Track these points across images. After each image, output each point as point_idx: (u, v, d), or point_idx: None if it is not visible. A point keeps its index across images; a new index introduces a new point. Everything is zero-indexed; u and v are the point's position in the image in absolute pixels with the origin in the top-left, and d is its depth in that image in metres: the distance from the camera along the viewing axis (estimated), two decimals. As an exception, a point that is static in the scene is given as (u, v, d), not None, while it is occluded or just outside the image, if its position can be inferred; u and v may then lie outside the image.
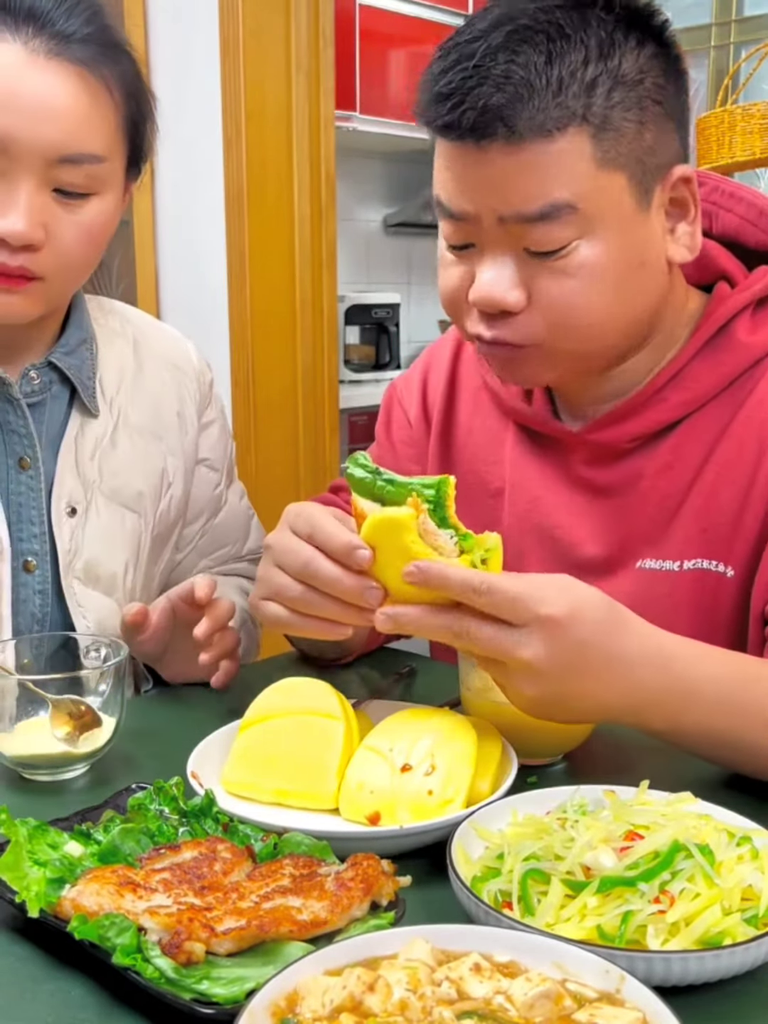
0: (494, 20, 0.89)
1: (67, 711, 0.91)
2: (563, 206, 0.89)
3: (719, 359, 1.01)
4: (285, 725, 0.87)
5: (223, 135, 3.09)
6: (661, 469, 1.03)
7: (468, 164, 0.90)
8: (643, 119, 0.90)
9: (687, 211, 0.97)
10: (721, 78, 2.37)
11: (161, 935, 0.62)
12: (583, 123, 0.88)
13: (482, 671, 0.91)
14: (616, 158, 0.89)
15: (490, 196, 0.90)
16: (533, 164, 0.88)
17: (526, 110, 0.86)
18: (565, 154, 0.88)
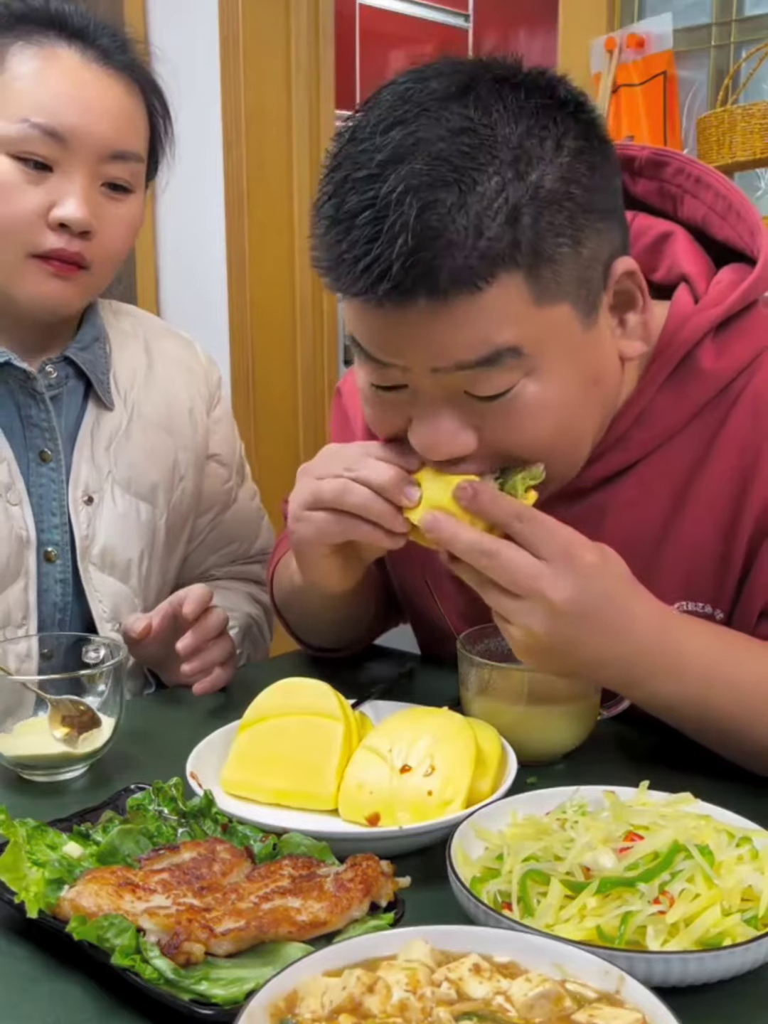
0: (391, 151, 0.76)
1: (66, 711, 0.91)
2: (505, 351, 0.79)
3: (683, 392, 0.94)
4: (285, 726, 0.87)
5: (223, 135, 3.09)
6: (625, 506, 0.98)
7: (389, 325, 0.80)
8: (578, 237, 0.79)
9: (634, 301, 0.88)
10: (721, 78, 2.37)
11: (160, 936, 0.62)
12: (512, 264, 0.77)
13: (481, 671, 0.92)
14: (556, 289, 0.80)
15: (420, 352, 0.81)
16: (464, 318, 0.78)
17: (446, 267, 0.75)
18: (499, 301, 0.78)
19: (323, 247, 0.81)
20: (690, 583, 0.97)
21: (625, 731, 0.98)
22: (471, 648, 0.95)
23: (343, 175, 0.79)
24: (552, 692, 0.90)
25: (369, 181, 0.77)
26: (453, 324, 0.78)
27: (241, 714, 0.90)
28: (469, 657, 0.93)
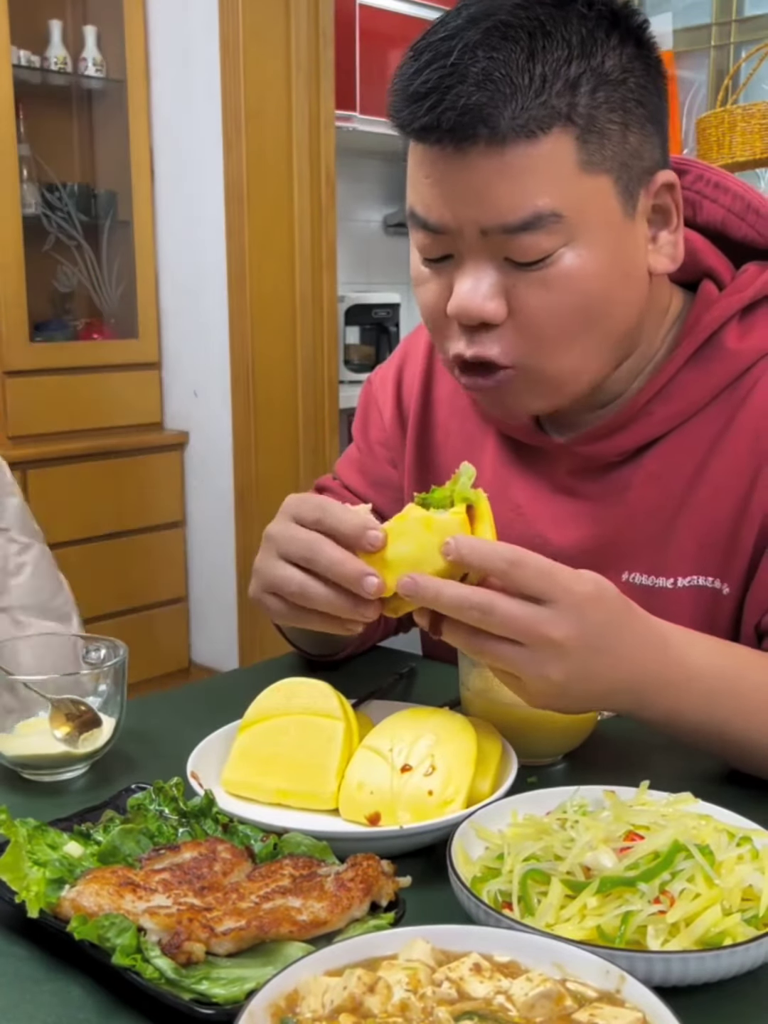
0: (470, 16, 0.84)
1: (67, 711, 0.91)
2: (548, 215, 0.85)
3: (708, 369, 0.97)
4: (285, 725, 0.87)
5: (223, 135, 3.09)
6: (648, 479, 1.00)
7: (447, 170, 0.86)
8: (627, 121, 0.86)
9: (670, 219, 0.93)
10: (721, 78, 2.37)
11: (161, 935, 0.62)
12: (567, 123, 0.83)
13: (482, 671, 0.92)
14: (601, 161, 0.86)
15: (471, 206, 0.86)
16: (517, 168, 0.83)
17: (508, 109, 0.82)
18: (549, 157, 0.84)
19: (397, 89, 0.87)
20: (701, 557, 0.98)
21: (625, 731, 0.98)
22: (469, 654, 0.95)
23: (424, 41, 0.86)
24: (552, 692, 0.90)
25: (447, 39, 0.84)
26: (506, 173, 0.83)
27: (241, 714, 0.90)
28: (469, 657, 0.93)
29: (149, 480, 3.37)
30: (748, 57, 2.26)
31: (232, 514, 3.31)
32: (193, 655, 3.56)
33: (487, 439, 1.12)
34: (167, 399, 3.45)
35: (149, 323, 3.39)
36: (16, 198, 3.01)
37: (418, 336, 1.23)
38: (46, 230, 3.26)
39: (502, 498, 1.08)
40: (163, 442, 3.40)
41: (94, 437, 3.25)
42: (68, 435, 3.19)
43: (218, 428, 3.29)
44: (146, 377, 3.40)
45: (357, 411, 1.26)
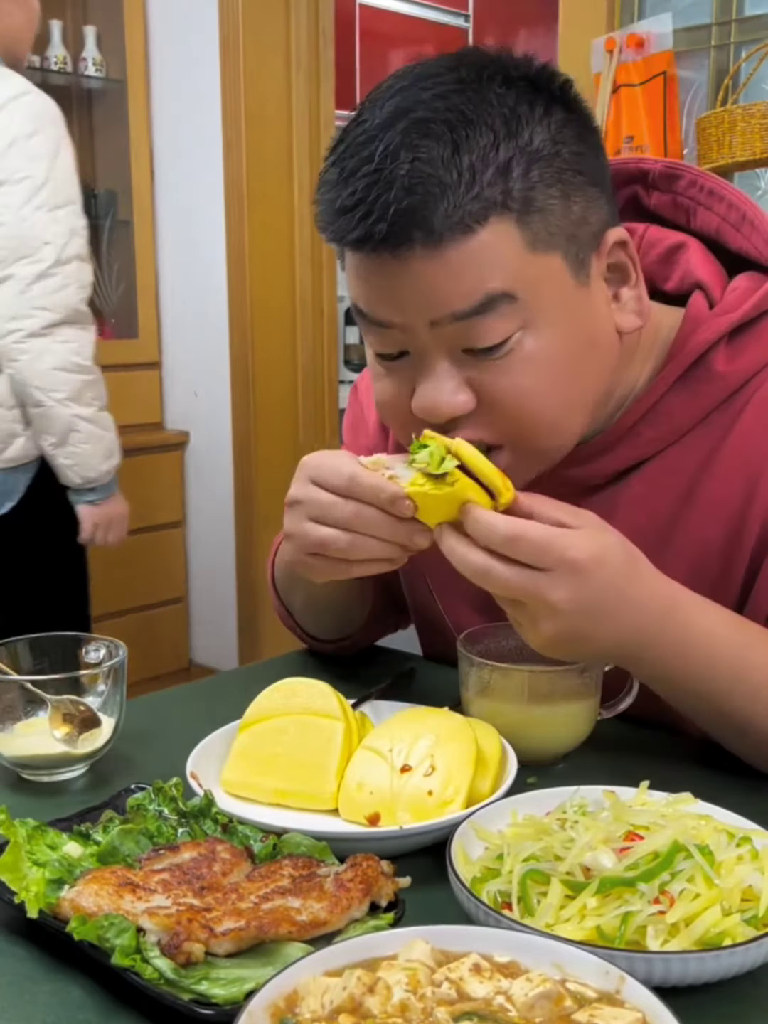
0: (387, 116, 0.81)
1: (66, 711, 0.91)
2: (499, 296, 0.82)
3: (696, 392, 0.95)
4: (285, 725, 0.87)
5: (223, 135, 3.09)
6: (634, 503, 0.98)
7: (386, 276, 0.83)
8: (567, 192, 0.83)
9: (627, 275, 0.91)
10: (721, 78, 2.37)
11: (160, 936, 0.62)
12: (504, 210, 0.80)
13: (481, 671, 0.92)
14: (548, 238, 0.83)
15: (417, 304, 0.83)
16: (458, 263, 0.81)
17: (440, 209, 0.79)
18: (492, 245, 0.81)
19: (325, 203, 0.85)
20: (695, 580, 0.96)
21: (625, 731, 0.98)
22: (471, 648, 0.95)
23: (344, 145, 0.83)
24: (552, 692, 0.90)
25: (367, 144, 0.81)
26: (448, 270, 0.81)
27: (241, 714, 0.90)
28: (469, 657, 0.93)
29: (149, 480, 3.37)
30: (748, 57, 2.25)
31: (232, 514, 3.31)
32: (193, 655, 3.56)
33: None
34: (167, 399, 3.45)
35: (149, 323, 3.39)
36: (16, 198, 3.01)
37: None
38: (46, 230, 3.26)
39: None
40: (163, 442, 3.41)
41: (94, 437, 3.24)
42: (68, 435, 3.19)
43: (218, 428, 3.30)
44: (146, 377, 3.40)
45: (346, 414, 1.26)
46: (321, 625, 1.19)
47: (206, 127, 3.13)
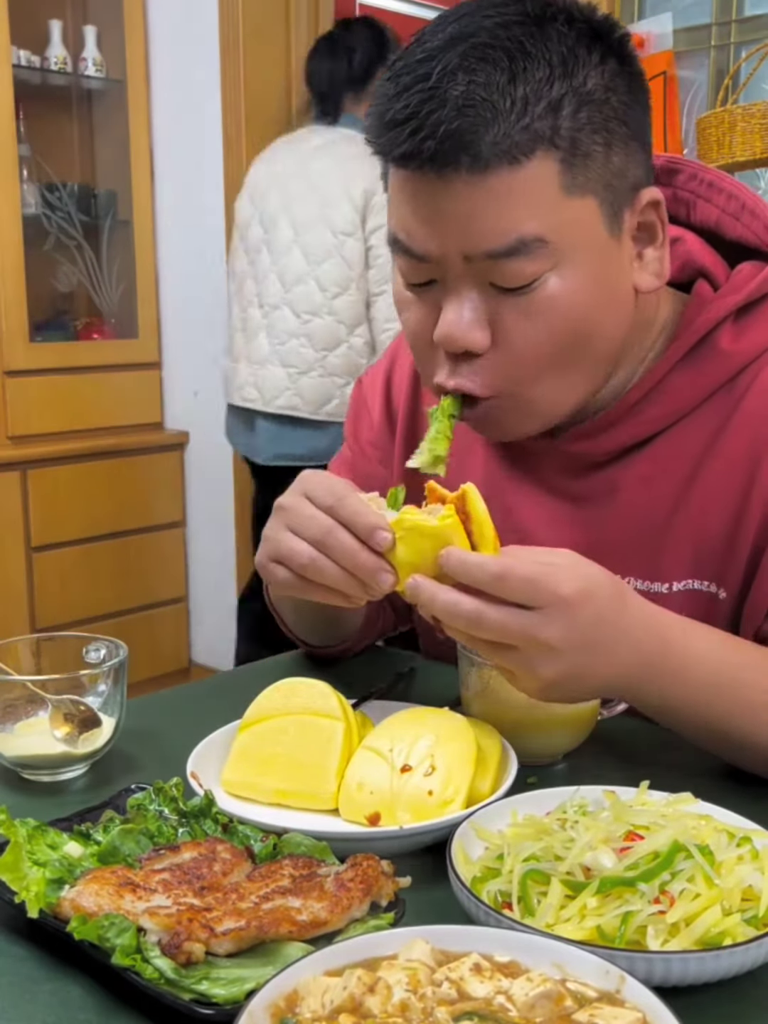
0: (448, 38, 0.82)
1: (67, 711, 0.91)
2: (532, 240, 0.83)
3: (701, 370, 0.96)
4: (285, 725, 0.87)
5: (223, 135, 3.09)
6: (639, 482, 0.99)
7: (429, 197, 0.84)
8: (610, 141, 0.85)
9: (655, 236, 0.91)
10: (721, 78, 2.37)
11: (161, 936, 0.62)
12: (550, 147, 0.82)
13: (482, 671, 0.92)
14: (585, 183, 0.84)
15: (454, 233, 0.84)
16: (499, 194, 0.82)
17: (489, 134, 0.80)
18: (533, 182, 0.82)
19: (376, 115, 0.85)
20: (697, 561, 0.98)
21: (625, 731, 0.98)
22: (471, 648, 0.95)
23: (401, 64, 0.84)
24: (552, 692, 0.90)
25: (425, 62, 0.82)
26: (489, 200, 0.82)
27: (241, 714, 0.90)
28: (469, 657, 0.93)
29: (149, 480, 3.37)
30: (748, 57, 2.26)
31: (232, 514, 3.31)
32: (193, 655, 3.56)
33: (476, 440, 1.11)
34: (167, 399, 3.45)
35: (149, 323, 3.39)
36: (16, 198, 3.01)
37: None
38: (46, 230, 3.27)
39: (493, 499, 1.07)
40: (163, 442, 3.41)
41: (94, 437, 3.25)
42: (68, 435, 3.20)
43: (218, 428, 3.30)
44: (146, 377, 3.41)
45: (348, 412, 1.26)
46: (313, 633, 1.19)
47: (206, 127, 3.13)
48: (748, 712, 0.85)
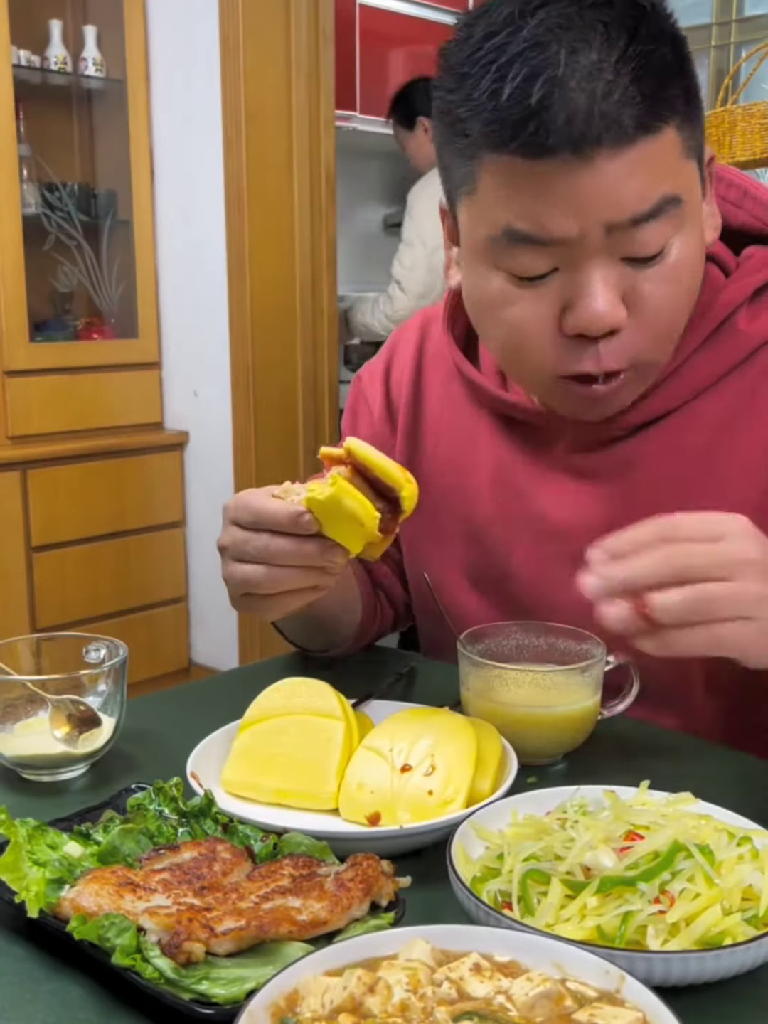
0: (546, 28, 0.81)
1: (67, 711, 0.91)
2: (671, 199, 0.85)
3: (719, 349, 0.99)
4: (285, 725, 0.87)
5: (223, 135, 3.09)
6: (658, 456, 1.01)
7: (567, 179, 0.82)
8: (696, 105, 0.89)
9: (706, 191, 0.95)
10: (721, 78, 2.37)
11: (161, 935, 0.62)
12: (677, 115, 0.85)
13: (482, 671, 0.92)
14: (692, 147, 0.88)
15: (598, 206, 0.83)
16: (642, 163, 0.83)
17: (635, 108, 0.81)
18: (665, 147, 0.85)
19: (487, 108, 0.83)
20: None
21: (625, 731, 0.98)
22: (471, 648, 0.95)
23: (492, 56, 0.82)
24: (552, 692, 0.90)
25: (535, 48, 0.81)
26: (631, 169, 0.83)
27: (241, 714, 0.90)
28: (469, 657, 0.93)
29: (149, 480, 3.37)
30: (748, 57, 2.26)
31: (232, 514, 3.31)
32: (193, 655, 3.56)
33: (480, 426, 1.11)
34: (167, 399, 3.45)
35: (149, 323, 3.39)
36: (16, 198, 3.01)
37: (406, 331, 1.23)
38: (46, 230, 3.26)
39: (503, 482, 1.09)
40: (163, 442, 3.41)
41: (94, 437, 3.25)
42: (68, 435, 3.20)
43: (218, 428, 3.30)
44: (146, 377, 3.40)
45: (346, 408, 1.26)
46: (311, 640, 1.19)
47: (206, 127, 3.13)
48: None
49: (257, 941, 0.63)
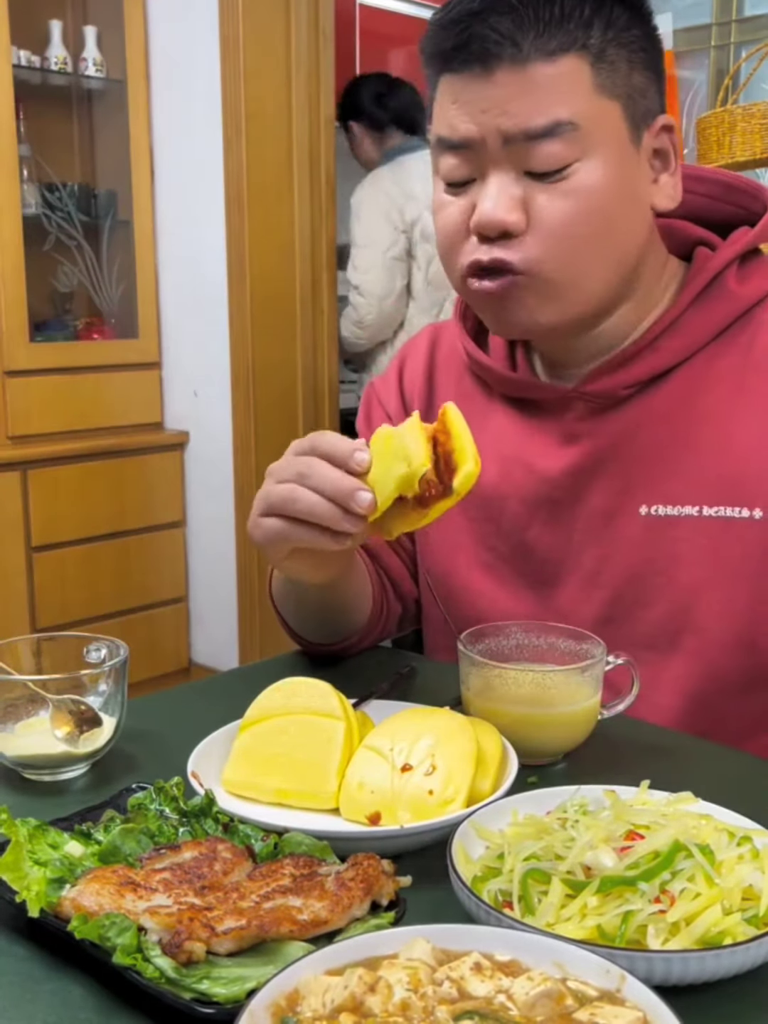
0: None
1: (67, 711, 0.91)
2: (566, 123, 0.93)
3: (712, 308, 1.03)
4: (285, 725, 0.87)
5: (223, 135, 3.09)
6: (659, 416, 1.04)
7: (474, 89, 0.94)
8: (632, 60, 0.96)
9: (668, 162, 1.01)
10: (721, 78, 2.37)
11: (161, 935, 0.62)
12: (583, 50, 0.93)
13: (482, 670, 0.92)
14: (612, 87, 0.94)
15: (496, 116, 0.93)
16: (537, 83, 0.92)
17: (531, 33, 0.91)
18: (567, 76, 0.93)
19: (432, 23, 0.98)
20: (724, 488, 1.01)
21: (625, 731, 0.98)
22: (471, 648, 0.95)
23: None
24: (552, 692, 0.90)
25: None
26: (528, 88, 0.93)
27: (242, 714, 0.90)
28: (470, 657, 0.93)
29: (149, 480, 3.37)
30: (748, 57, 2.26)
31: (232, 514, 3.31)
32: (193, 655, 3.56)
33: (493, 412, 1.15)
34: (167, 399, 3.45)
35: (149, 323, 3.39)
36: (16, 198, 3.01)
37: (416, 341, 1.27)
38: (46, 230, 3.26)
39: (516, 463, 1.13)
40: (163, 442, 3.41)
41: (94, 437, 3.25)
42: (68, 435, 3.20)
43: (218, 428, 3.30)
44: (146, 377, 3.40)
45: (359, 416, 1.29)
46: (318, 629, 1.19)
47: (206, 128, 3.13)
48: None
49: (258, 940, 0.63)
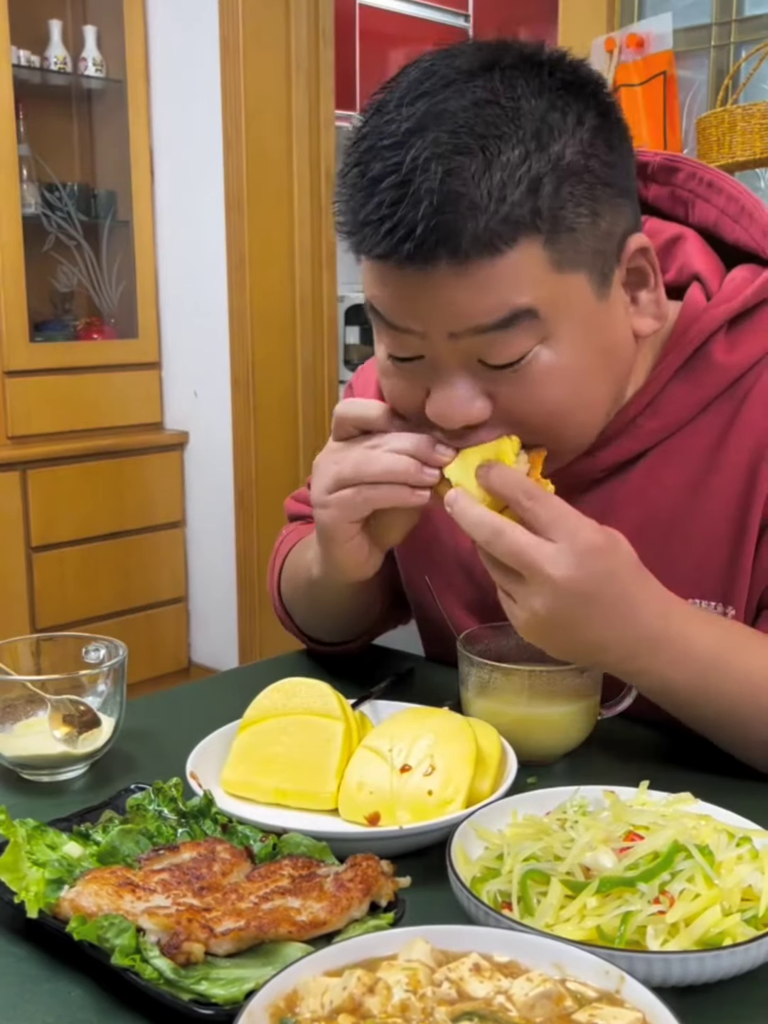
0: (416, 121, 0.77)
1: (66, 711, 0.91)
2: (522, 313, 0.80)
3: (696, 382, 0.94)
4: (285, 725, 0.87)
5: (223, 135, 3.09)
6: (634, 495, 0.97)
7: (409, 286, 0.80)
8: (596, 209, 0.81)
9: (647, 279, 0.89)
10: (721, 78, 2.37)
11: (160, 936, 0.62)
12: (533, 230, 0.78)
13: (481, 671, 0.92)
14: (574, 257, 0.81)
15: (438, 317, 0.81)
16: (483, 281, 0.79)
17: (468, 229, 0.76)
18: (518, 265, 0.79)
19: (347, 211, 0.82)
20: (702, 580, 0.97)
21: (625, 731, 0.97)
22: (471, 648, 0.95)
23: (368, 144, 0.80)
24: (552, 692, 0.90)
25: (394, 148, 0.78)
26: (472, 287, 0.79)
27: (241, 714, 0.90)
28: (469, 657, 0.93)
29: (149, 480, 3.37)
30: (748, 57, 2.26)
31: (232, 514, 3.31)
32: (193, 655, 3.56)
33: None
34: (167, 399, 3.45)
35: (149, 323, 3.39)
36: (16, 198, 3.01)
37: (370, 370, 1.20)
38: (46, 230, 3.26)
39: None
40: (163, 442, 3.41)
41: (94, 437, 3.25)
42: (68, 435, 3.20)
43: (218, 428, 3.30)
44: (146, 377, 3.40)
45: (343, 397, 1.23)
46: (329, 631, 1.19)
47: (206, 127, 3.13)
48: (749, 695, 0.86)
49: (256, 941, 0.63)
